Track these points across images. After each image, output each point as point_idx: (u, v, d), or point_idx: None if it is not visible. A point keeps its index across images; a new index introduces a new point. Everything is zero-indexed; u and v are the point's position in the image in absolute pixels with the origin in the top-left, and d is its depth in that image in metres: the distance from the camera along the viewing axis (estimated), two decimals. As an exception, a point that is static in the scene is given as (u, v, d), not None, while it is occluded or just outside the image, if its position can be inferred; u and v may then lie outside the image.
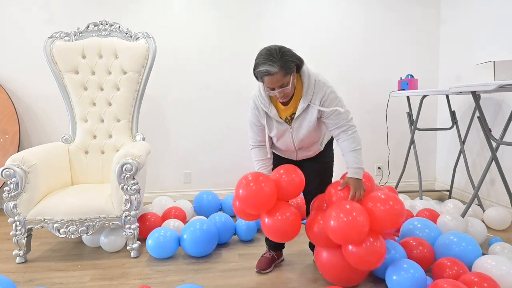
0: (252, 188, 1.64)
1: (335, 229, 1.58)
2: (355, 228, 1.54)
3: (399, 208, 1.62)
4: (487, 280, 1.52)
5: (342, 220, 1.55)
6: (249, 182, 1.66)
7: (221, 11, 3.36)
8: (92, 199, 2.16)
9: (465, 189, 3.26)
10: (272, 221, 1.68)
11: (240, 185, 1.68)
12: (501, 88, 1.95)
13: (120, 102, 2.60)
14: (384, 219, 1.60)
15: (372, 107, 3.56)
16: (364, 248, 1.58)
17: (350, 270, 1.72)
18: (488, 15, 2.89)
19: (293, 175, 1.74)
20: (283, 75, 1.55)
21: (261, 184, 1.65)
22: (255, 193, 1.64)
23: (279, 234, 1.71)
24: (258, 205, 1.67)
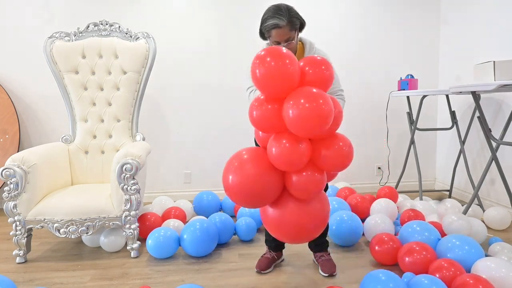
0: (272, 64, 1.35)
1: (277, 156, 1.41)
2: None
3: (347, 150, 1.55)
4: (481, 282, 1.52)
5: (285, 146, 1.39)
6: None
7: (221, 11, 3.36)
8: (92, 199, 2.16)
9: (465, 189, 3.27)
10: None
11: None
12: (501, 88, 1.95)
13: (120, 102, 2.60)
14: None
15: (372, 107, 3.56)
16: (304, 176, 1.43)
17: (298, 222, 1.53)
18: (488, 15, 2.89)
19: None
20: (289, 29, 1.67)
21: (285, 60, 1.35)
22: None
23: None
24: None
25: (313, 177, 1.45)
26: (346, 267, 2.04)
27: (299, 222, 1.51)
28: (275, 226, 1.56)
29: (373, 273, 1.62)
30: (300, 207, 1.50)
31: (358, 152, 3.60)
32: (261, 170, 1.45)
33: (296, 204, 1.51)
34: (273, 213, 1.54)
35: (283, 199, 1.53)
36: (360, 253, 2.22)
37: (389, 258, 2.00)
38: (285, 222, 1.52)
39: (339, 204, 2.57)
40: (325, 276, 1.94)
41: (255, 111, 1.44)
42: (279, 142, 1.40)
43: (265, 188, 1.46)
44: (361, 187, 3.59)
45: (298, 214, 1.50)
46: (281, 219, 1.52)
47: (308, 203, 1.52)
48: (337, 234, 2.26)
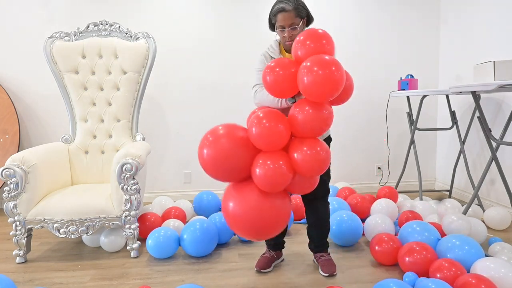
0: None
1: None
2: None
3: (324, 155, 1.52)
4: (484, 281, 1.52)
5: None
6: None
7: (221, 11, 3.37)
8: (92, 199, 2.16)
9: (465, 189, 3.26)
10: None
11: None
12: (501, 88, 1.95)
13: (120, 102, 2.60)
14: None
15: (372, 107, 3.56)
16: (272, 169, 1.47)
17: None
18: (488, 15, 2.89)
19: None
20: (294, 15, 1.73)
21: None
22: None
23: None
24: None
25: (280, 169, 1.46)
26: (346, 267, 2.04)
27: (259, 213, 1.52)
28: (234, 218, 1.57)
29: (383, 283, 1.59)
30: (260, 199, 1.51)
31: (358, 152, 3.64)
32: (235, 144, 1.51)
33: (258, 194, 1.52)
34: (235, 202, 1.55)
35: (246, 187, 1.55)
36: (360, 253, 2.22)
37: (389, 258, 2.00)
38: (245, 214, 1.53)
39: (339, 204, 2.57)
40: (325, 276, 1.94)
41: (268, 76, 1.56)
42: (260, 120, 1.49)
43: (235, 162, 1.51)
44: (361, 187, 3.59)
45: (259, 205, 1.51)
46: (242, 210, 1.53)
47: (270, 197, 1.52)
48: (337, 234, 2.25)
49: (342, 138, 3.53)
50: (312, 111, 1.50)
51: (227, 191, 1.61)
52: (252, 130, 1.49)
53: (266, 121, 1.48)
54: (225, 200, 1.60)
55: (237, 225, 1.57)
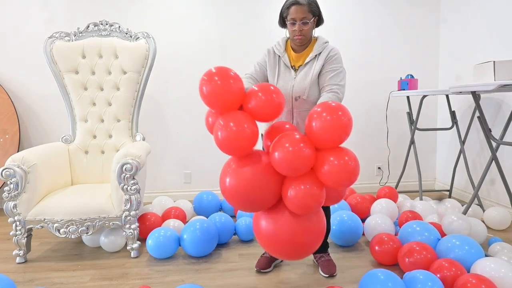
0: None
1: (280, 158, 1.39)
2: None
3: (353, 165, 1.42)
4: (484, 281, 1.52)
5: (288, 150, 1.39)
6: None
7: (221, 11, 3.37)
8: (92, 199, 2.16)
9: (465, 189, 3.27)
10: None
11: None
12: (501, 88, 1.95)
13: (120, 102, 2.60)
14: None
15: (372, 107, 3.56)
16: (303, 190, 1.40)
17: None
18: (488, 15, 2.89)
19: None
20: (308, 10, 1.76)
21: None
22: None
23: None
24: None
25: (312, 191, 1.40)
26: (346, 267, 2.04)
27: (293, 237, 1.46)
28: (268, 241, 1.52)
29: (372, 272, 1.62)
30: (295, 220, 1.46)
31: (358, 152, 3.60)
32: (259, 173, 1.44)
33: (291, 217, 1.46)
34: (267, 226, 1.50)
35: (278, 211, 1.49)
36: (360, 253, 2.22)
37: (389, 258, 2.00)
38: (278, 237, 1.48)
39: (339, 204, 2.57)
40: (325, 277, 1.94)
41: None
42: (282, 146, 1.40)
43: (261, 193, 1.44)
44: (361, 187, 3.59)
45: (293, 228, 1.46)
46: (275, 233, 1.48)
47: (303, 216, 1.47)
48: (337, 234, 2.26)
49: (342, 138, 3.53)
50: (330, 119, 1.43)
51: (257, 214, 1.57)
52: (275, 156, 1.40)
53: (289, 145, 1.38)
54: (256, 223, 1.56)
55: (273, 249, 1.53)
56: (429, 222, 2.26)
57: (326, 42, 1.90)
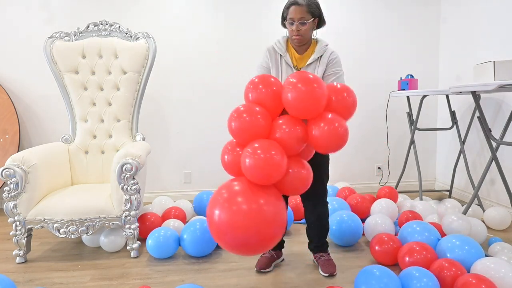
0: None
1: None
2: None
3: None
4: (484, 281, 1.52)
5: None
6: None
7: (221, 11, 3.37)
8: (92, 199, 2.16)
9: (465, 189, 3.26)
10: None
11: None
12: (501, 88, 1.95)
13: (120, 102, 2.60)
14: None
15: (372, 107, 3.56)
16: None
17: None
18: (488, 15, 2.89)
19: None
20: (306, 11, 1.77)
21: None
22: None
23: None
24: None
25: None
26: (346, 267, 2.04)
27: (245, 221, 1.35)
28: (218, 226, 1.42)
29: (368, 269, 1.63)
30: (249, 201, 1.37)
31: (358, 152, 3.63)
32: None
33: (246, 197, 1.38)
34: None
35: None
36: (360, 253, 2.22)
37: (389, 258, 2.00)
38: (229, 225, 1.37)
39: (339, 204, 2.57)
40: (325, 276, 1.94)
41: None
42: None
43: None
44: (361, 187, 3.59)
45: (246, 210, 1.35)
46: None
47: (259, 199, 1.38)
48: (337, 234, 2.26)
49: (342, 138, 3.53)
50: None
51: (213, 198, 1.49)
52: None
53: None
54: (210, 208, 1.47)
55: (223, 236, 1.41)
56: (429, 222, 2.26)
57: (326, 45, 1.92)
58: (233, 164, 1.51)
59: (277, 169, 1.38)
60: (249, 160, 1.37)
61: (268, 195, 1.41)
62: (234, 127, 1.48)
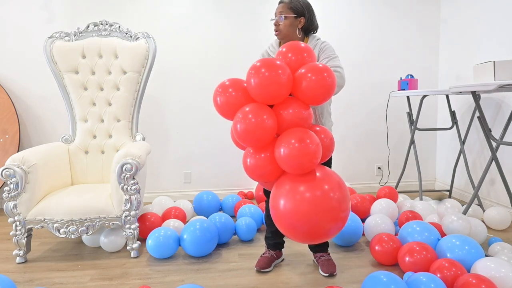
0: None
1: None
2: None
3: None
4: (484, 281, 1.52)
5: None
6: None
7: (221, 11, 3.37)
8: (92, 199, 2.16)
9: (465, 189, 3.27)
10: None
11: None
12: (501, 88, 1.95)
13: (120, 102, 2.60)
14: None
15: (372, 107, 3.56)
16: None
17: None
18: (488, 15, 2.89)
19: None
20: (287, 7, 1.81)
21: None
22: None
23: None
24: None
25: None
26: (346, 267, 2.04)
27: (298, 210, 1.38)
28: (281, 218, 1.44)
29: (375, 274, 1.61)
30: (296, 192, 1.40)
31: (358, 152, 3.63)
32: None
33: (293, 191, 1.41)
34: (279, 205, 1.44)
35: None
36: (360, 253, 2.22)
37: (389, 258, 2.00)
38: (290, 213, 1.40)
39: (339, 204, 2.56)
40: (325, 276, 1.94)
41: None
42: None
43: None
44: (361, 187, 3.59)
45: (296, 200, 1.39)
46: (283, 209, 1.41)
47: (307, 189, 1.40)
48: (337, 234, 2.25)
49: (342, 138, 3.53)
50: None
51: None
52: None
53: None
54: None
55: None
56: (429, 222, 2.26)
57: (318, 39, 1.92)
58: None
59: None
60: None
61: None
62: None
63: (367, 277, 1.64)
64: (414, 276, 1.62)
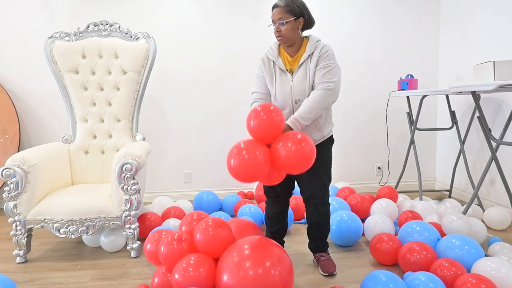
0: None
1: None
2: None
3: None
4: (484, 281, 1.52)
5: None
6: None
7: (221, 11, 3.37)
8: (92, 199, 2.16)
9: (465, 189, 3.27)
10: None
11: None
12: (501, 88, 1.95)
13: (120, 102, 2.60)
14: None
15: (372, 107, 3.56)
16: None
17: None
18: (488, 15, 2.89)
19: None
20: (284, 11, 1.78)
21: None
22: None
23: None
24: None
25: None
26: (346, 267, 2.04)
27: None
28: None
29: (374, 274, 1.62)
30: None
31: (358, 152, 3.64)
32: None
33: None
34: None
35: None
36: (360, 253, 2.22)
37: (389, 258, 2.00)
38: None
39: (339, 204, 2.57)
40: (325, 276, 1.94)
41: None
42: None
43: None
44: (361, 187, 3.59)
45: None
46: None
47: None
48: (337, 234, 2.25)
49: (342, 138, 3.53)
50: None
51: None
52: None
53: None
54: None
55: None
56: (429, 222, 2.26)
57: (318, 40, 1.88)
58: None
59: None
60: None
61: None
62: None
63: (366, 276, 1.64)
64: (414, 275, 1.62)
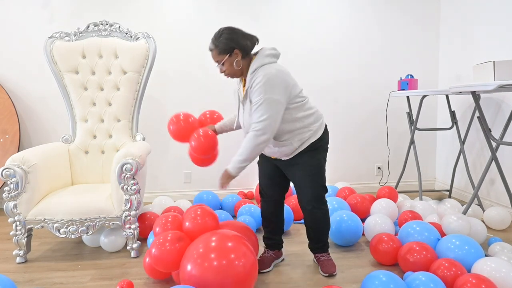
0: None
1: None
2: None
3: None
4: (484, 281, 1.52)
5: None
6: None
7: (221, 11, 3.37)
8: (92, 199, 2.16)
9: (465, 189, 3.27)
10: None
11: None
12: (501, 88, 1.95)
13: (120, 102, 2.60)
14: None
15: (372, 107, 3.56)
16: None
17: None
18: (488, 15, 2.89)
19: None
20: (217, 53, 1.76)
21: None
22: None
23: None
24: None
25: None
26: (346, 267, 2.04)
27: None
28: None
29: (374, 274, 1.62)
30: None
31: (358, 152, 3.64)
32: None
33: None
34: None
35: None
36: (360, 253, 2.22)
37: (389, 258, 2.00)
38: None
39: (339, 204, 2.57)
40: (325, 276, 1.94)
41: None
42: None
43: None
44: (361, 187, 3.59)
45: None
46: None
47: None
48: (337, 234, 2.25)
49: (342, 138, 3.53)
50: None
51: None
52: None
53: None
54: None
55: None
56: (429, 222, 2.27)
57: (254, 69, 1.72)
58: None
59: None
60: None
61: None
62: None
63: (366, 276, 1.64)
64: (414, 276, 1.62)
